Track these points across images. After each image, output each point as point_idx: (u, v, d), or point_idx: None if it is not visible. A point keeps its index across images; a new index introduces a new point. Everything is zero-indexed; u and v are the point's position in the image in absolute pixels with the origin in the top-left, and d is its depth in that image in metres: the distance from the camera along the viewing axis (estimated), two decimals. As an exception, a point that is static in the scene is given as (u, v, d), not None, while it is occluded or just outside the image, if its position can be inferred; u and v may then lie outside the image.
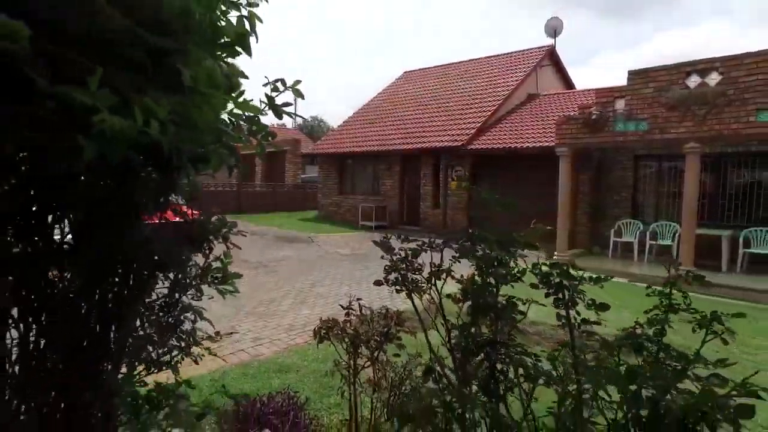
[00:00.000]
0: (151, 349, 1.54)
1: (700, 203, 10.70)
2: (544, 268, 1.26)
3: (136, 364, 1.50)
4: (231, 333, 2.25)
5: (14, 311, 1.20)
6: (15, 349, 1.21)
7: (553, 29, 20.55)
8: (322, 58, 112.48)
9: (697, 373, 1.22)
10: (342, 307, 2.80)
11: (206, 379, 4.11)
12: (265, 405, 3.35)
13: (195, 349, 1.91)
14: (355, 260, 10.66)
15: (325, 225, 17.61)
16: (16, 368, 1.20)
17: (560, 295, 1.26)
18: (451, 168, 15.20)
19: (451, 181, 15.08)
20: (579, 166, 12.17)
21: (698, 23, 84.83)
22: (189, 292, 1.58)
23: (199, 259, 1.63)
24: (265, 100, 1.31)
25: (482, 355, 1.25)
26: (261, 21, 1.27)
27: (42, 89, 0.90)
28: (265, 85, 1.32)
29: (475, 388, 1.33)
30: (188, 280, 1.54)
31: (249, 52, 1.24)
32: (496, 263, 1.26)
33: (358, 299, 2.85)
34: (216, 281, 1.57)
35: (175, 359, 1.75)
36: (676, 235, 10.32)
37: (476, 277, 1.30)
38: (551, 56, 19.67)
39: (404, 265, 1.44)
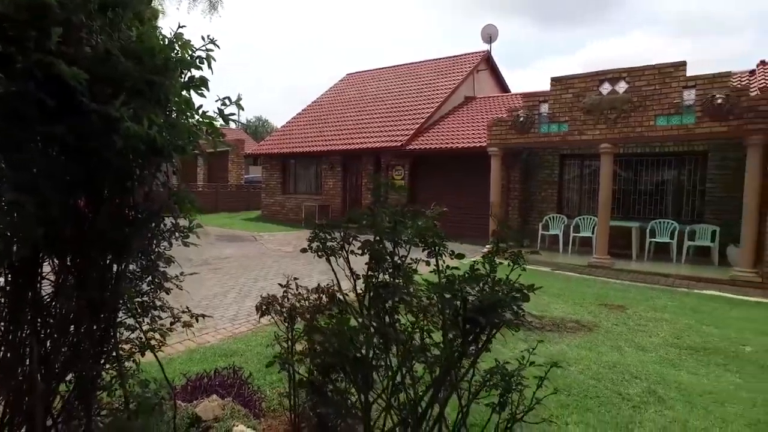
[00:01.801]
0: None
1: (615, 198, 11.85)
2: (420, 226, 1.73)
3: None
4: (203, 315, 2.71)
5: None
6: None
7: (489, 36, 21.52)
8: (269, 58, 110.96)
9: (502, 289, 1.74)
10: (280, 285, 3.19)
11: (155, 365, 4.37)
12: (211, 379, 3.70)
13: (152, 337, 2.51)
14: (297, 256, 10.98)
15: (269, 224, 17.75)
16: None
17: (432, 249, 1.73)
18: (391, 167, 15.78)
19: (391, 180, 15.67)
20: (509, 165, 13.07)
21: (629, 32, 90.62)
22: (163, 244, 2.19)
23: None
24: (230, 108, 1.89)
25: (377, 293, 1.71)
26: (218, 47, 1.80)
27: (89, 108, 1.60)
28: (217, 101, 1.90)
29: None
30: (163, 233, 2.18)
31: (207, 88, 1.93)
32: (388, 231, 1.72)
33: (295, 278, 3.24)
34: (183, 235, 2.17)
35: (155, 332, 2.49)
36: (595, 227, 11.35)
37: (374, 240, 1.77)
38: (487, 61, 20.68)
39: (323, 235, 1.88)
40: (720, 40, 74.82)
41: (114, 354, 2.13)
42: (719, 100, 8.88)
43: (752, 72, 12.64)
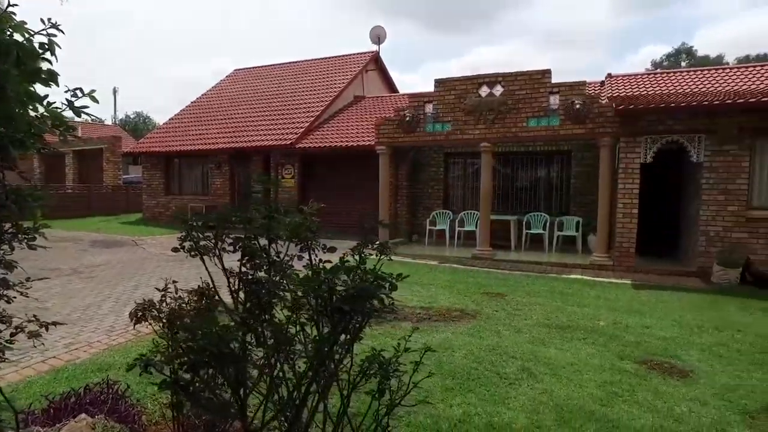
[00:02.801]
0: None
1: (495, 194, 12.77)
2: (294, 222, 1.76)
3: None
4: (55, 324, 2.32)
5: None
6: None
7: (377, 37, 21.95)
8: (152, 51, 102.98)
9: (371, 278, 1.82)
10: (157, 289, 3.02)
11: (6, 390, 3.89)
12: (81, 397, 3.35)
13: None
14: (183, 260, 10.39)
15: (152, 227, 16.58)
16: None
17: (305, 244, 1.77)
18: (281, 166, 15.53)
19: (281, 179, 15.43)
20: (398, 163, 13.51)
21: (508, 41, 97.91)
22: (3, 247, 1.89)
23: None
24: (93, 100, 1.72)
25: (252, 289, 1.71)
26: (62, 32, 1.63)
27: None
28: (66, 92, 1.71)
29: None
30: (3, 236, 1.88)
31: (56, 83, 1.71)
32: (260, 227, 1.73)
33: (174, 281, 3.09)
34: (28, 238, 1.89)
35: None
36: (478, 221, 12.13)
37: (246, 238, 1.76)
38: (376, 61, 21.11)
39: (196, 234, 1.83)
40: (579, 53, 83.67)
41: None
42: (577, 106, 9.96)
43: (602, 83, 14.31)
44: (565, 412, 3.50)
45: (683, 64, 42.43)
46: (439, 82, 11.48)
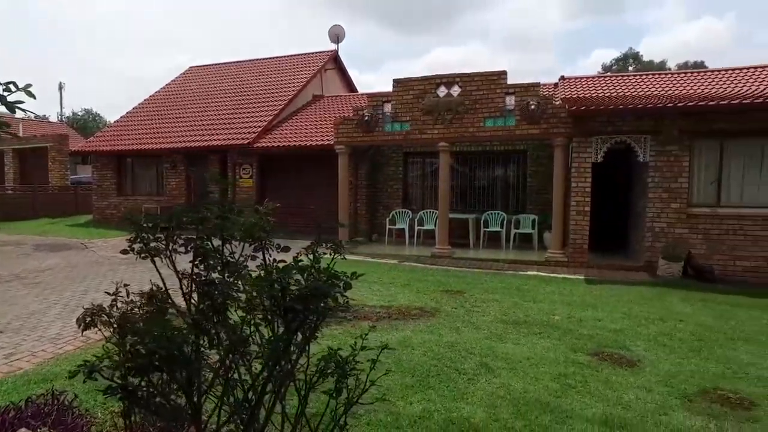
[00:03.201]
0: None
1: (454, 193, 12.96)
2: (247, 222, 1.74)
3: None
4: None
5: None
6: None
7: (336, 36, 21.85)
8: (103, 46, 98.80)
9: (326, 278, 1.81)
10: (108, 293, 2.90)
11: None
12: (21, 411, 3.15)
13: None
14: (136, 263, 10.03)
15: (102, 229, 15.93)
16: None
17: (259, 243, 1.75)
18: (239, 166, 15.25)
19: (239, 179, 15.15)
20: (357, 163, 13.51)
21: (468, 42, 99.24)
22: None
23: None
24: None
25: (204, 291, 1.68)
26: None
27: None
28: None
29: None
30: None
31: None
32: (213, 227, 1.70)
33: (126, 285, 2.98)
34: None
35: None
36: (437, 220, 12.27)
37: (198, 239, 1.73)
38: (335, 60, 21.02)
39: (146, 235, 1.78)
40: (534, 56, 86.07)
41: None
42: (532, 107, 10.23)
43: (556, 85, 14.77)
44: (522, 405, 3.59)
45: (630, 68, 44.25)
46: (397, 82, 11.55)
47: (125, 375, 1.76)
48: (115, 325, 2.88)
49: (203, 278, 1.72)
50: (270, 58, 21.08)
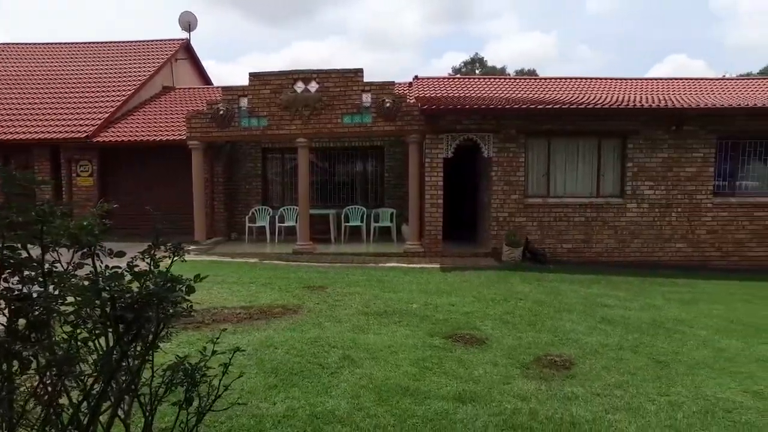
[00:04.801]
0: None
1: (314, 189, 12.98)
2: (72, 225, 1.55)
3: None
4: None
5: None
6: None
7: (188, 23, 20.36)
8: None
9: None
10: None
11: None
12: None
13: None
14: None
15: None
16: None
17: (88, 249, 1.58)
18: (75, 162, 13.51)
19: (77, 177, 13.44)
20: (213, 159, 12.83)
21: (327, 38, 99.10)
22: None
23: None
24: None
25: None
26: None
27: None
28: None
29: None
30: None
31: None
32: (29, 233, 1.48)
33: None
34: None
35: None
36: (298, 216, 12.17)
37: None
38: (187, 50, 19.65)
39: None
40: (395, 55, 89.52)
41: None
42: (388, 104, 10.65)
43: (410, 84, 15.56)
44: (384, 392, 3.73)
45: (477, 71, 48.22)
46: (253, 76, 11.18)
47: None
48: None
49: (16, 293, 1.48)
50: (111, 42, 18.88)
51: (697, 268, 10.23)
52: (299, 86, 10.94)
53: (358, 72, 10.88)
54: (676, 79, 16.76)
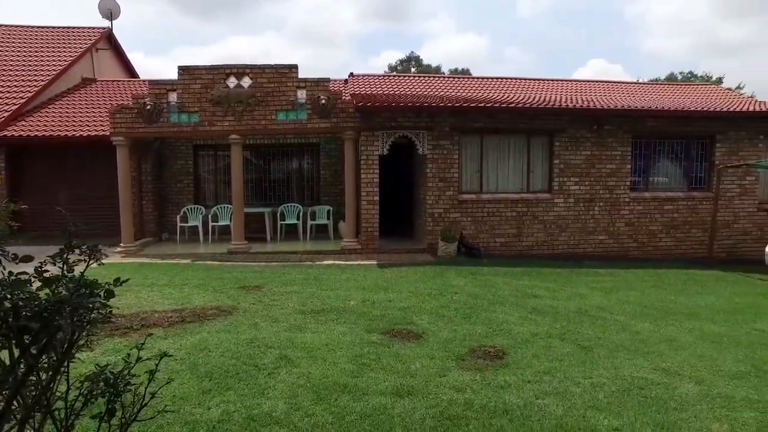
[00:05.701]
0: None
1: (249, 187, 12.67)
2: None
3: None
4: None
5: None
6: None
7: (109, 11, 19.13)
8: None
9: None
10: None
11: None
12: None
13: None
14: None
15: None
16: None
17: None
18: (-21, 159, 12.38)
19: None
20: (141, 156, 12.19)
21: (263, 33, 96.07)
22: None
23: None
24: None
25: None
26: None
27: None
28: None
29: None
30: None
31: None
32: None
33: None
34: None
35: None
36: (232, 215, 11.82)
37: None
38: (110, 40, 18.49)
39: None
40: (332, 51, 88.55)
41: None
42: (323, 101, 10.56)
43: (346, 81, 15.51)
44: (322, 390, 3.71)
45: (413, 69, 48.79)
46: (183, 70, 10.70)
47: None
48: None
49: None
50: (22, 26, 17.35)
51: (617, 258, 10.96)
52: (232, 81, 10.60)
53: (293, 68, 10.71)
54: (598, 81, 17.82)
